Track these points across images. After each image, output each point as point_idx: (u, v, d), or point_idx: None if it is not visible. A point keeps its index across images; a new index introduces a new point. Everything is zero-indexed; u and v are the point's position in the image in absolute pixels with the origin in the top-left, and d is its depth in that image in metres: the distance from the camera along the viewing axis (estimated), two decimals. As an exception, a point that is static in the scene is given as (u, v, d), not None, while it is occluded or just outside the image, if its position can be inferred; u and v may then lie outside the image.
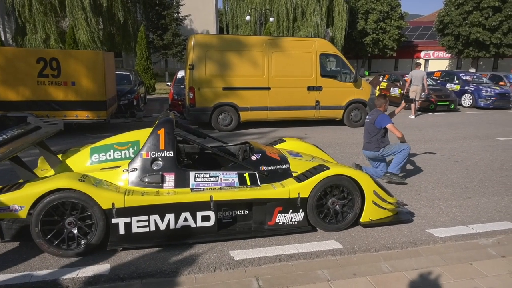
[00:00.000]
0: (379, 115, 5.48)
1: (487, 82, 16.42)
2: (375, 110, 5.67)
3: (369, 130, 5.57)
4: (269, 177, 3.83)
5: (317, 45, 9.87)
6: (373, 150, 5.50)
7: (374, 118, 5.50)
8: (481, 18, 27.82)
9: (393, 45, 34.73)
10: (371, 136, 5.52)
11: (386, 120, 5.40)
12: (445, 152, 7.53)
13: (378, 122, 5.41)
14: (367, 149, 5.60)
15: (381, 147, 5.44)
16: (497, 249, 3.53)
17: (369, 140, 5.54)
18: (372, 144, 5.50)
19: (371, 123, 5.53)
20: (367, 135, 5.60)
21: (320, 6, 28.97)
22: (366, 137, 5.62)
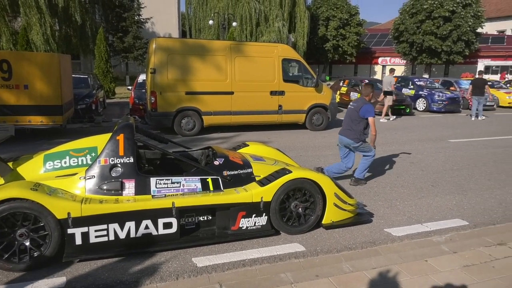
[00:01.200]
0: (365, 104, 5.41)
1: (439, 87, 17.33)
2: (360, 99, 5.62)
3: (351, 117, 5.48)
4: (232, 181, 3.82)
5: (279, 50, 10.00)
6: (352, 139, 5.43)
7: (360, 106, 5.40)
8: (433, 27, 29.37)
9: (352, 51, 35.84)
10: (353, 124, 5.44)
11: (371, 111, 5.36)
12: (401, 154, 7.84)
13: (363, 111, 5.34)
14: (346, 135, 5.52)
15: (361, 139, 5.44)
16: (450, 246, 3.71)
17: (350, 128, 5.46)
18: (352, 133, 5.43)
19: (355, 110, 5.43)
20: (349, 122, 5.51)
21: (282, 12, 29.39)
22: (347, 124, 5.54)
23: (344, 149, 5.66)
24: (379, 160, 7.33)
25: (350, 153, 5.63)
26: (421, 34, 30.31)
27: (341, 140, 5.62)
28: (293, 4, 30.50)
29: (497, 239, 3.86)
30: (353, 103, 5.60)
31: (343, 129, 5.59)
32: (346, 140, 5.52)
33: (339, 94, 16.55)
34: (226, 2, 28.85)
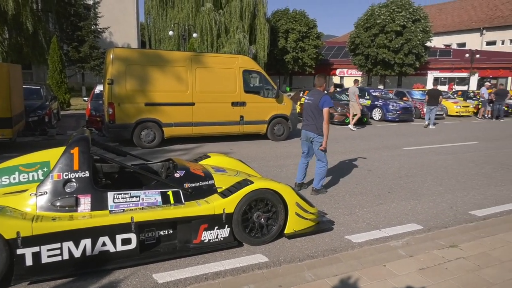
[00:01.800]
0: (323, 95, 5.41)
1: (393, 98, 18.17)
2: (315, 91, 5.61)
3: (313, 112, 5.46)
4: (194, 194, 3.76)
5: (240, 61, 10.08)
6: (316, 133, 5.46)
7: (318, 99, 5.38)
8: (386, 40, 30.88)
9: (311, 62, 36.83)
10: (315, 118, 5.43)
11: (328, 102, 5.36)
12: (359, 162, 8.10)
13: (322, 103, 5.32)
14: (309, 130, 5.54)
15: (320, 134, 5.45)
16: (406, 250, 3.85)
17: (312, 122, 5.48)
18: (315, 127, 5.45)
19: (315, 104, 5.41)
20: (310, 117, 5.51)
21: (243, 24, 29.72)
22: (308, 119, 5.55)
23: (306, 145, 5.74)
24: (338, 168, 7.52)
25: (310, 151, 5.75)
26: (375, 47, 31.74)
27: (305, 134, 5.65)
28: (253, 16, 30.98)
29: (449, 241, 4.05)
30: (310, 97, 5.61)
31: (306, 125, 5.62)
32: (310, 134, 5.55)
33: (300, 105, 16.88)
34: (186, 13, 28.77)
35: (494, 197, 5.87)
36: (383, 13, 31.11)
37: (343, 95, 17.75)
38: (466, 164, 8.18)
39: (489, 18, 44.64)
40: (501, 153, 9.65)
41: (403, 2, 31.29)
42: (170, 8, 30.24)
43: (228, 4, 29.75)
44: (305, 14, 37.18)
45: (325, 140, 5.48)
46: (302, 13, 37.15)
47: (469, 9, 48.51)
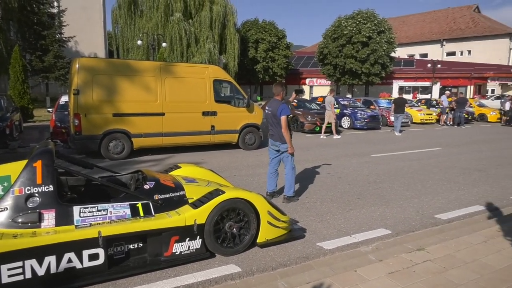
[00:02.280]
0: (280, 104, 5.51)
1: (361, 106, 18.69)
2: (274, 100, 5.71)
3: (273, 121, 5.59)
4: (164, 205, 3.70)
5: (210, 71, 10.07)
6: (280, 142, 5.59)
7: (276, 108, 5.49)
8: (353, 51, 31.80)
9: (281, 72, 37.34)
10: (276, 127, 5.57)
11: (285, 110, 5.47)
12: (330, 170, 8.24)
13: (279, 111, 5.44)
14: (274, 139, 5.71)
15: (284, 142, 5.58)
16: (376, 254, 3.93)
17: (274, 132, 5.63)
18: (277, 136, 5.60)
19: (273, 114, 5.54)
20: (272, 126, 5.65)
21: (213, 34, 29.78)
22: (271, 128, 5.69)
23: (273, 152, 5.84)
24: (310, 176, 7.62)
25: (277, 157, 5.83)
26: (343, 57, 32.61)
27: (272, 142, 5.81)
28: (223, 26, 31.13)
29: (416, 245, 4.18)
30: (269, 107, 5.72)
31: (271, 134, 5.77)
32: (275, 142, 5.70)
33: (270, 114, 17.03)
34: (155, 22, 28.53)
35: (457, 200, 6.12)
36: (349, 24, 32.07)
37: (313, 103, 18.09)
38: (431, 170, 8.50)
39: (448, 30, 47.02)
40: (463, 158, 10.10)
41: (368, 14, 32.42)
42: (139, 17, 29.91)
43: (197, 14, 29.77)
44: (274, 24, 37.74)
45: (289, 145, 5.58)
46: (271, 23, 37.69)
47: (430, 22, 50.92)
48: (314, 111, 16.09)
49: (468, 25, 46.00)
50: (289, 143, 5.57)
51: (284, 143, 5.59)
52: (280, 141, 5.62)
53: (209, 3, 29.88)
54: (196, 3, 29.59)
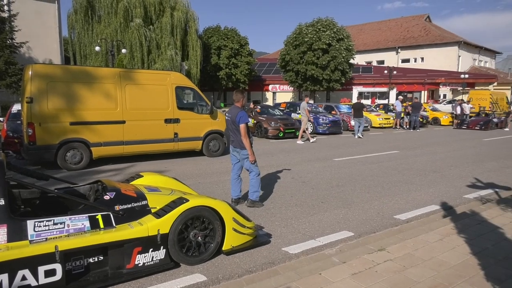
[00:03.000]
0: (239, 111, 5.55)
1: (323, 112, 19.15)
2: (233, 107, 5.74)
3: (232, 128, 5.67)
4: (126, 216, 3.59)
5: (172, 78, 9.95)
6: (240, 148, 5.66)
7: (235, 115, 5.53)
8: (314, 58, 32.59)
9: (244, 79, 37.58)
10: (234, 134, 5.64)
11: (244, 117, 5.52)
12: (294, 175, 8.35)
13: (238, 119, 5.49)
14: (234, 145, 5.78)
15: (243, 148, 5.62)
16: (339, 257, 4.02)
17: (234, 138, 5.69)
18: (237, 142, 5.67)
19: (232, 121, 5.59)
20: (232, 132, 5.71)
21: (174, 41, 29.47)
22: (232, 135, 5.75)
23: (235, 158, 5.88)
24: (274, 181, 7.68)
25: (239, 163, 5.87)
26: (304, 64, 33.32)
27: (232, 148, 5.87)
28: (185, 33, 30.91)
29: (377, 245, 4.31)
30: (228, 114, 5.75)
31: (232, 140, 5.83)
32: (235, 148, 5.77)
33: (234, 120, 17.07)
34: (114, 28, 27.85)
35: (415, 201, 6.39)
36: (310, 32, 32.88)
37: (276, 109, 18.31)
38: (390, 172, 8.83)
39: (402, 38, 49.34)
40: (419, 160, 10.58)
41: (327, 22, 33.41)
42: (96, 22, 29.07)
43: (158, 20, 29.36)
44: (236, 31, 37.99)
45: (250, 152, 5.60)
46: (233, 30, 37.91)
47: (385, 30, 53.24)
48: (277, 117, 16.31)
49: (420, 33, 48.52)
50: (250, 150, 5.59)
51: (243, 149, 5.63)
52: (240, 147, 5.67)
53: (170, 9, 29.60)
54: (157, 9, 29.20)
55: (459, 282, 3.40)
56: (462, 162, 10.35)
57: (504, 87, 39.68)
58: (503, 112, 25.71)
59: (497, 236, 4.55)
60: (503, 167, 9.66)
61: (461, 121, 22.31)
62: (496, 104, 27.53)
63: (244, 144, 5.55)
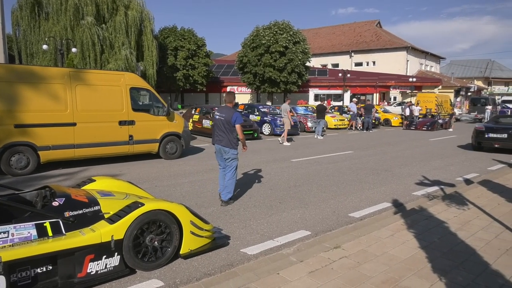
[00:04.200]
0: (234, 112, 5.88)
1: (280, 113, 19.39)
2: (226, 108, 5.98)
3: (225, 127, 5.85)
4: (77, 222, 3.43)
5: (127, 79, 9.65)
6: (229, 147, 5.88)
7: (230, 115, 5.80)
8: (271, 60, 32.98)
9: (202, 80, 37.26)
10: (227, 133, 5.85)
11: (240, 119, 5.90)
12: (252, 176, 8.38)
13: (234, 119, 5.81)
14: (222, 144, 5.92)
15: (235, 146, 5.96)
16: (297, 256, 4.09)
17: (225, 137, 5.88)
18: (227, 141, 5.88)
19: (227, 120, 5.81)
20: (222, 131, 5.88)
21: (129, 40, 28.60)
22: (220, 134, 5.91)
23: (222, 158, 6.12)
24: (232, 183, 7.67)
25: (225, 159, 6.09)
26: (261, 66, 33.61)
27: (219, 148, 6.02)
28: (140, 32, 30.11)
29: (333, 243, 4.43)
30: (221, 114, 5.95)
31: (219, 140, 5.97)
32: (224, 148, 5.94)
33: (192, 122, 16.88)
34: (64, 26, 26.54)
35: (368, 199, 6.65)
36: (267, 34, 33.23)
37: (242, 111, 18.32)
38: (345, 171, 9.12)
39: (355, 43, 51.20)
40: (372, 160, 11.02)
41: (284, 25, 33.93)
42: (44, 20, 27.55)
43: (111, 19, 28.37)
44: (193, 32, 37.61)
45: (244, 143, 6.10)
46: (190, 31, 37.50)
47: (339, 34, 54.99)
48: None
49: (372, 38, 50.61)
50: (244, 142, 6.08)
51: (233, 148, 5.90)
52: (230, 146, 5.89)
53: (124, 8, 28.72)
54: (110, 7, 28.21)
55: (408, 275, 3.58)
56: (411, 161, 10.92)
57: (448, 90, 42.39)
58: (447, 113, 27.41)
59: (442, 230, 4.84)
60: (447, 165, 10.31)
61: (410, 122, 23.54)
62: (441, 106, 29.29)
63: (240, 138, 5.92)
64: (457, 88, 46.33)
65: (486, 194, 6.78)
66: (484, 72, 63.01)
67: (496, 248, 4.24)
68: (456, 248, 4.26)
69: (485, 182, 7.73)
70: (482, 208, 5.85)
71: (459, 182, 8.14)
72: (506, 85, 64.34)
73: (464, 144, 15.12)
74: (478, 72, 62.46)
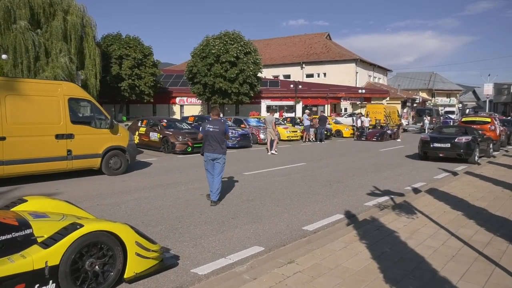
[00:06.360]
0: (225, 123, 7.31)
1: (232, 125, 19.45)
2: (216, 120, 7.24)
3: (218, 138, 7.03)
4: (4, 248, 3.16)
5: (65, 88, 9.20)
6: (223, 154, 7.11)
7: (223, 126, 7.13)
8: (222, 70, 33.06)
9: (149, 91, 36.36)
10: (221, 143, 7.08)
11: (228, 128, 7.40)
12: (203, 191, 8.26)
13: (226, 129, 7.21)
14: (218, 152, 7.05)
15: (225, 153, 7.26)
16: (250, 273, 4.06)
17: (219, 146, 7.06)
18: (222, 149, 7.09)
19: (220, 132, 7.05)
20: (217, 142, 7.03)
21: (68, 47, 27.34)
22: (215, 144, 7.03)
23: (211, 164, 7.15)
24: (183, 199, 7.54)
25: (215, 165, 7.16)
26: (212, 77, 33.57)
27: (212, 156, 7.09)
28: (81, 39, 28.93)
29: (287, 258, 4.46)
30: (214, 126, 7.07)
31: (213, 149, 7.04)
32: (217, 155, 7.06)
33: (138, 135, 16.39)
34: (-9, 30, 24.85)
35: (321, 211, 6.81)
36: (217, 44, 33.35)
37: (184, 123, 18.10)
38: (298, 184, 9.28)
39: (306, 54, 52.93)
40: (325, 171, 11.33)
41: (234, 36, 34.29)
42: (-32, 23, 25.64)
43: (48, 24, 27.01)
44: (139, 40, 36.77)
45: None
46: (136, 39, 36.63)
47: (291, 46, 56.58)
48: (185, 131, 16.06)
49: (322, 50, 52.61)
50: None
51: (224, 154, 7.17)
52: (222, 153, 7.12)
53: (63, 13, 27.49)
54: (46, 12, 26.87)
55: (361, 287, 3.68)
56: (362, 171, 11.37)
57: (395, 102, 45.02)
58: (395, 124, 29.08)
59: (393, 239, 5.05)
60: (396, 175, 10.85)
61: (360, 133, 24.60)
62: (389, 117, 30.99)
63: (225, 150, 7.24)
64: (403, 100, 49.36)
65: (432, 202, 7.20)
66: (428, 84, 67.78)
67: (443, 255, 4.50)
68: (406, 256, 4.46)
69: (432, 191, 8.22)
70: (430, 216, 6.19)
71: (407, 191, 8.58)
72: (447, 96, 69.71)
73: (412, 154, 16.03)
74: (423, 84, 67.05)
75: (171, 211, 6.64)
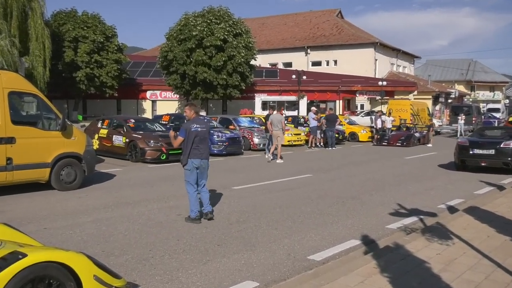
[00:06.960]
0: (210, 121, 7.52)
1: (218, 127, 19.44)
2: (199, 119, 7.55)
3: (206, 140, 7.41)
4: None
5: (4, 80, 9.17)
6: (208, 158, 7.53)
7: (208, 125, 7.48)
8: (205, 56, 33.10)
9: (112, 82, 36.31)
10: (206, 145, 7.41)
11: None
12: (181, 210, 8.26)
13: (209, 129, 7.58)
14: (205, 157, 7.40)
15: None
16: (241, 316, 4.05)
17: (206, 149, 7.43)
18: (207, 153, 7.50)
19: (208, 130, 7.48)
20: (203, 145, 7.32)
21: (8, 27, 27.31)
22: (201, 147, 7.26)
23: (196, 174, 7.36)
24: (155, 221, 7.55)
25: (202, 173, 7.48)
26: (192, 65, 33.56)
27: (200, 163, 7.31)
28: (25, 17, 28.89)
29: (288, 296, 4.46)
30: (201, 125, 7.32)
31: (201, 153, 7.26)
32: (204, 162, 7.41)
33: (98, 139, 16.33)
34: None
35: (331, 236, 6.82)
36: (199, 24, 33.34)
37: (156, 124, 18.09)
38: (301, 201, 9.31)
39: (312, 37, 53.30)
40: (335, 185, 11.37)
41: (221, 13, 34.39)
42: None
43: (-18, -3, 26.99)
44: (100, 19, 36.77)
45: None
46: (96, 17, 36.62)
47: (292, 26, 56.96)
48: (158, 134, 15.99)
49: (332, 31, 53.03)
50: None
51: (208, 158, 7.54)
52: (208, 157, 7.51)
53: (1, -17, 27.49)
54: (-20, -18, 26.87)
55: (383, 333, 3.68)
56: (384, 185, 11.42)
57: (425, 96, 45.34)
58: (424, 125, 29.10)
59: (423, 272, 5.07)
60: (427, 189, 10.92)
61: (381, 137, 24.70)
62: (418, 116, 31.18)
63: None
64: (435, 94, 49.76)
65: (473, 224, 7.24)
66: (466, 75, 68.48)
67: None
68: (439, 294, 4.47)
69: (472, 210, 8.26)
70: (469, 242, 6.22)
71: (441, 210, 8.63)
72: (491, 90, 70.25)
73: (446, 162, 16.15)
74: (459, 75, 67.76)
75: (140, 236, 6.62)
